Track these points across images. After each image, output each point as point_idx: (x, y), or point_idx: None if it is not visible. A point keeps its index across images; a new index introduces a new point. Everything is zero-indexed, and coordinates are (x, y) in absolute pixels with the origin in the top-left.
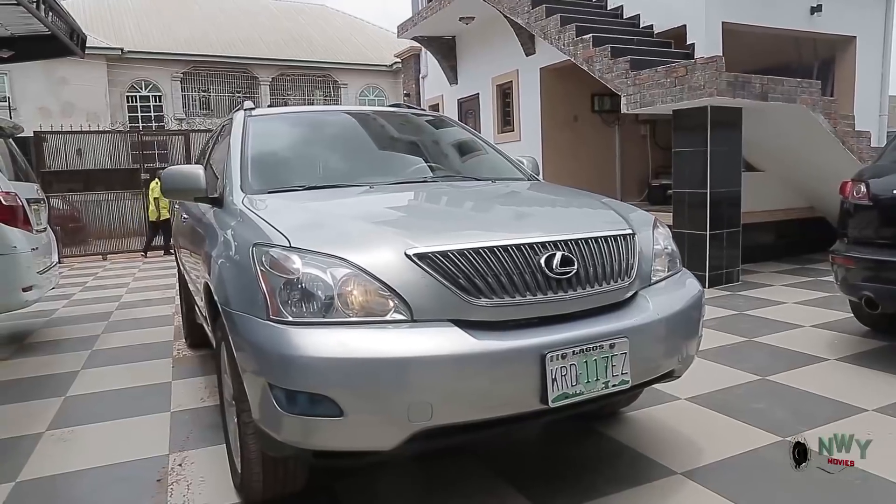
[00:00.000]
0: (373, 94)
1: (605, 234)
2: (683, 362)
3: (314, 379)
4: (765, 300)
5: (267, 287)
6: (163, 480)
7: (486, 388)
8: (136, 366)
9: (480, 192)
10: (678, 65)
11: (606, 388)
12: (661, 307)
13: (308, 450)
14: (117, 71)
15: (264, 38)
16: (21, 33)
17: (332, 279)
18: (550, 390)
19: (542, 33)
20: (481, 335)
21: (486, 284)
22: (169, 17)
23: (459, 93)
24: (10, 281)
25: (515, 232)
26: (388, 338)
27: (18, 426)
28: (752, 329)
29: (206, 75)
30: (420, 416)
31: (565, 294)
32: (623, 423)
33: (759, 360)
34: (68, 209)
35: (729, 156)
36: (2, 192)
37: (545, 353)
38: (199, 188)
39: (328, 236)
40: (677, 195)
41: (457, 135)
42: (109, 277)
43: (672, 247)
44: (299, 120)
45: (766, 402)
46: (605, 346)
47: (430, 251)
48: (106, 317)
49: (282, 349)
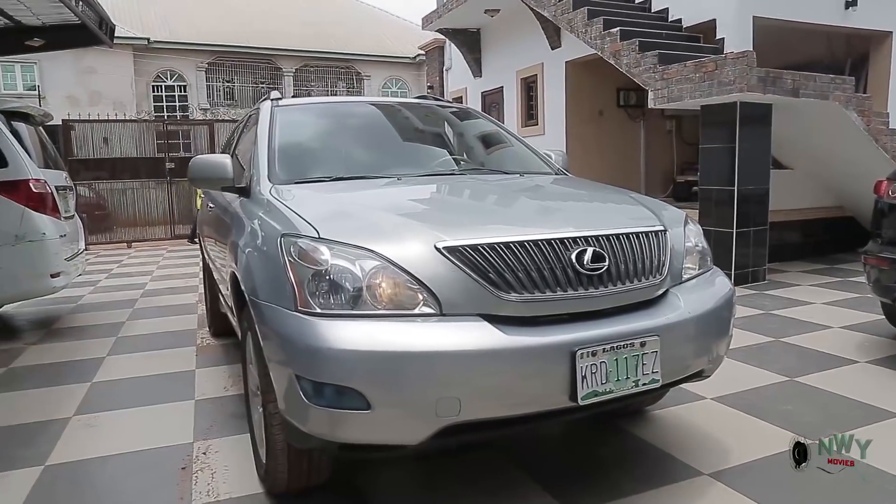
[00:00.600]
0: (396, 86)
1: (637, 230)
2: (713, 362)
3: (342, 371)
4: (792, 300)
5: (295, 278)
6: (187, 468)
7: (514, 384)
8: (160, 353)
9: (509, 185)
10: (708, 59)
11: (636, 387)
12: (693, 305)
13: (334, 442)
14: (143, 61)
15: (288, 29)
16: (51, 22)
17: (360, 271)
18: (580, 388)
19: (568, 26)
20: (511, 330)
21: (517, 279)
22: (194, 7)
23: (483, 86)
24: (38, 267)
25: (546, 227)
26: (416, 331)
27: (46, 411)
28: (779, 329)
29: (231, 66)
30: (448, 411)
31: (596, 290)
32: (649, 422)
33: (788, 360)
34: (94, 197)
35: (757, 152)
36: (32, 179)
37: (575, 350)
38: (227, 177)
39: (357, 228)
40: (704, 192)
41: (483, 127)
42: (134, 265)
43: (703, 244)
44: (326, 110)
45: (795, 404)
46: (635, 344)
47: (460, 244)
48: (131, 304)
49: (309, 340)
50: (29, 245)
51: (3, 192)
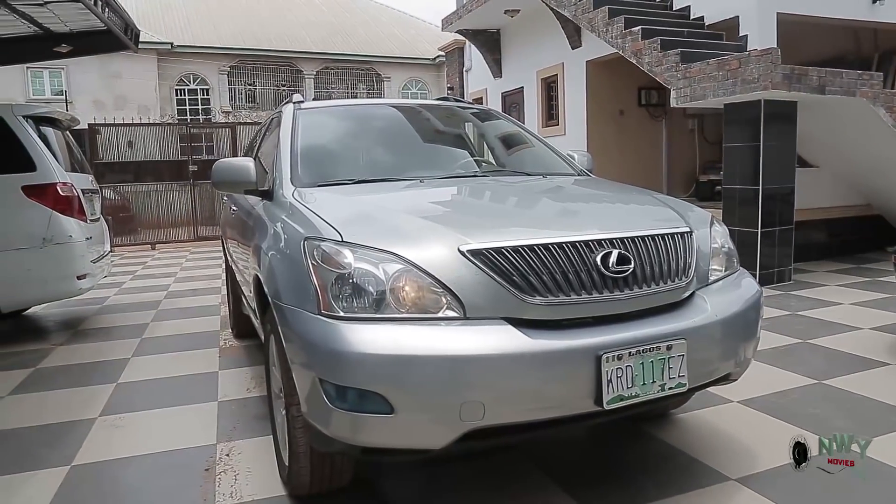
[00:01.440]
0: (416, 87)
1: (663, 231)
2: (741, 365)
3: (365, 375)
4: (819, 300)
5: (318, 281)
6: (210, 470)
7: (539, 388)
8: (184, 354)
9: (532, 187)
10: (731, 57)
11: (663, 391)
12: (720, 308)
13: (356, 446)
14: (167, 65)
15: (309, 31)
16: (78, 29)
17: (384, 274)
18: (605, 392)
19: (588, 25)
20: (536, 334)
21: (541, 282)
22: (217, 11)
23: (503, 86)
24: (65, 269)
25: (571, 229)
26: (440, 335)
27: (73, 411)
28: (806, 330)
29: (253, 69)
30: (472, 415)
31: (621, 293)
32: (674, 426)
33: (815, 363)
34: (119, 199)
35: (782, 151)
36: (59, 182)
37: (601, 354)
38: (250, 181)
39: (380, 231)
40: (728, 191)
41: (504, 128)
42: (158, 266)
43: (729, 245)
44: (348, 113)
45: (823, 407)
46: (661, 347)
47: (483, 248)
48: (155, 305)
49: (332, 344)
50: (56, 248)
51: (32, 196)
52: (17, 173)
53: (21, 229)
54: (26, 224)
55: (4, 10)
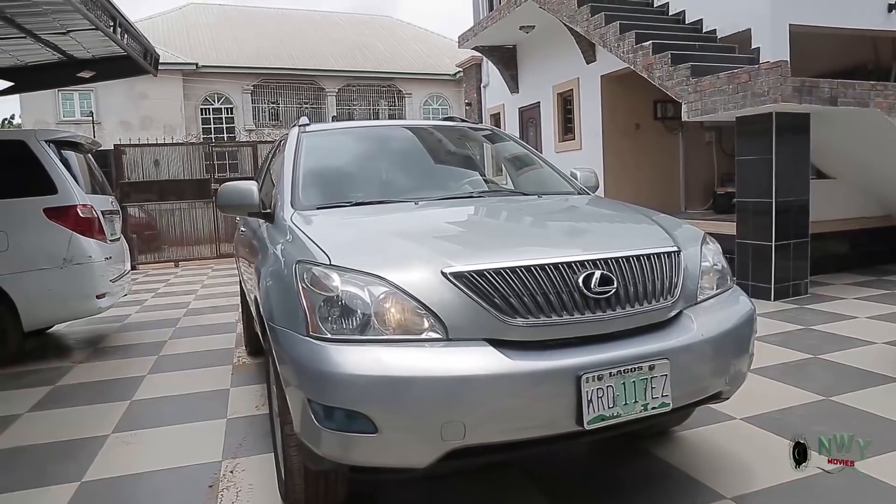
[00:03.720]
0: (437, 102)
1: (648, 251)
2: (732, 383)
3: (349, 395)
4: (834, 314)
5: (307, 304)
6: (214, 486)
7: (520, 408)
8: (197, 372)
9: (524, 208)
10: (740, 71)
11: (646, 411)
12: (707, 327)
13: (345, 464)
14: (192, 85)
15: (331, 49)
16: (100, 55)
17: (369, 297)
18: (586, 412)
19: (601, 41)
20: (516, 355)
21: (522, 304)
22: (240, 31)
23: (520, 101)
24: (85, 288)
25: (553, 250)
26: (422, 356)
27: (87, 428)
28: (818, 345)
29: (276, 87)
30: (453, 434)
31: (604, 314)
32: (673, 443)
33: (825, 378)
34: (144, 217)
35: (796, 163)
36: (80, 205)
37: (581, 374)
38: (252, 204)
39: (367, 254)
40: (741, 204)
41: (507, 148)
42: (180, 284)
43: (722, 263)
44: (350, 135)
45: (828, 424)
46: (643, 367)
47: (466, 270)
48: (174, 323)
49: (320, 365)
50: (76, 268)
51: (53, 218)
52: (39, 196)
53: (42, 250)
54: (47, 245)
55: (30, 39)
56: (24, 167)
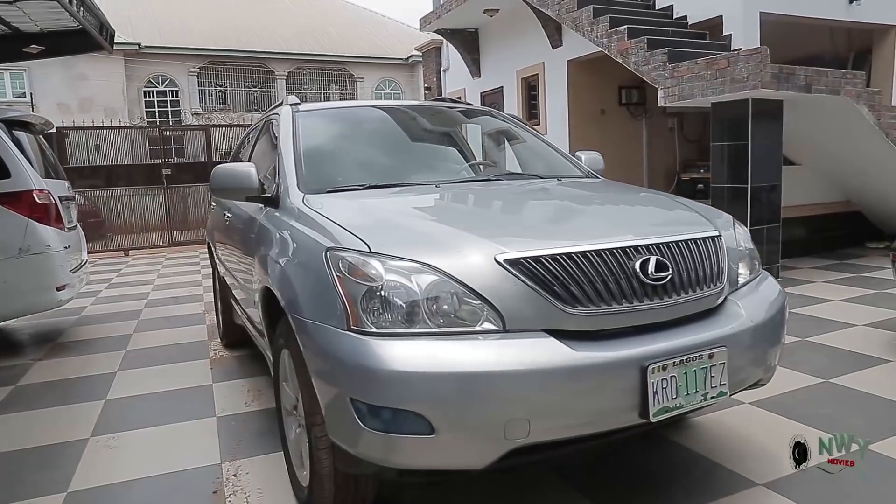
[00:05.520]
0: (389, 87)
1: (695, 236)
2: (770, 370)
3: (401, 394)
4: (809, 297)
5: (346, 295)
6: (219, 492)
7: (584, 402)
8: (173, 367)
9: (551, 191)
10: (719, 56)
11: (705, 401)
12: (753, 313)
13: (391, 468)
14: (134, 66)
15: (280, 32)
16: (50, 29)
17: (417, 287)
18: (652, 404)
19: (573, 25)
20: (579, 346)
21: (582, 291)
22: (185, 11)
23: (482, 86)
24: (44, 280)
25: (606, 235)
26: (480, 350)
27: (63, 431)
28: (802, 328)
29: (223, 70)
30: (517, 433)
31: (661, 301)
32: (691, 431)
33: (818, 361)
34: (88, 204)
35: (770, 149)
36: (35, 190)
37: (646, 365)
38: (251, 187)
39: (408, 240)
40: (716, 190)
41: (510, 130)
42: (133, 274)
43: (751, 247)
44: (348, 115)
45: (834, 407)
46: (704, 356)
47: (521, 256)
48: (136, 315)
49: (364, 361)
50: (34, 258)
51: (7, 204)
52: None
53: None
54: (1, 234)
55: None
56: None
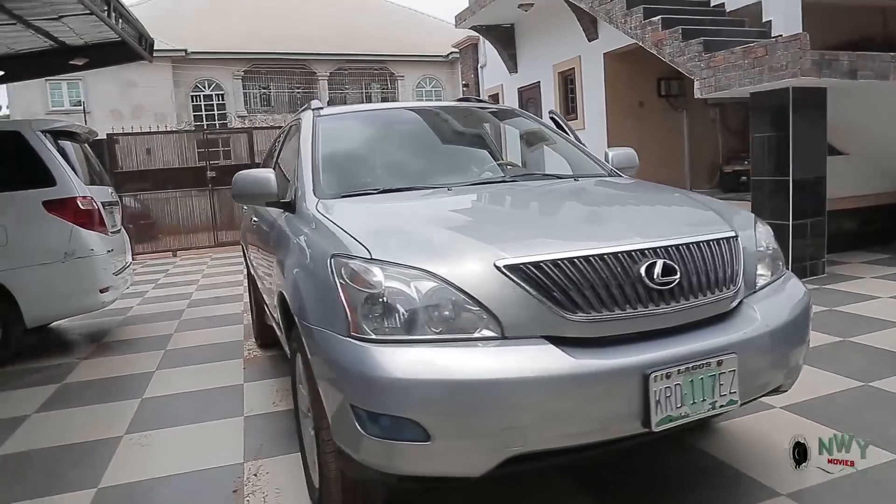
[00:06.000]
0: (430, 85)
1: (708, 237)
2: (791, 375)
3: (399, 401)
4: (856, 294)
5: (347, 302)
6: (239, 491)
7: (584, 411)
8: (208, 367)
9: (564, 191)
10: (757, 44)
11: (713, 409)
12: (770, 317)
13: (391, 474)
14: (181, 72)
15: (322, 33)
16: (93, 41)
17: (416, 293)
18: (654, 413)
19: (606, 17)
20: (579, 353)
21: (583, 297)
22: (228, 16)
23: (519, 81)
24: (88, 283)
25: (610, 238)
26: (478, 357)
27: (99, 429)
28: (845, 328)
29: (266, 72)
30: (514, 441)
31: (667, 306)
32: (716, 436)
33: (860, 363)
34: (139, 207)
35: (813, 139)
36: (79, 196)
37: (648, 373)
38: (271, 193)
39: (411, 246)
40: (756, 182)
41: (531, 128)
42: (180, 274)
43: (775, 246)
44: (369, 119)
45: (875, 412)
46: (712, 363)
47: (521, 262)
48: (178, 315)
49: (364, 368)
50: (78, 262)
51: (53, 211)
52: (37, 188)
53: (43, 244)
54: (48, 239)
55: (20, 26)
56: (21, 159)
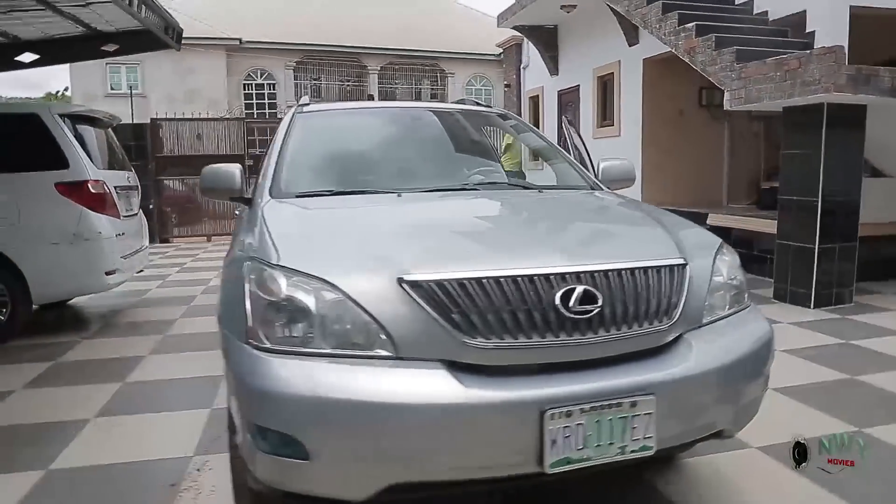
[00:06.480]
0: (479, 83)
1: (647, 264)
2: (738, 421)
3: (279, 416)
4: (879, 328)
5: (250, 307)
6: (176, 485)
7: (471, 444)
8: (199, 355)
9: (515, 204)
10: (790, 56)
11: (623, 454)
12: (709, 355)
13: (278, 489)
14: (235, 60)
15: (374, 27)
16: (124, 28)
17: (314, 305)
18: (548, 453)
19: (641, 22)
20: (472, 382)
21: (484, 322)
22: (285, 7)
23: (560, 84)
24: (93, 264)
25: (532, 258)
26: (363, 377)
27: (73, 410)
28: (856, 364)
29: (318, 64)
30: (393, 469)
31: (583, 337)
32: (677, 474)
33: (860, 405)
34: (185, 190)
35: (847, 159)
36: (91, 180)
37: (545, 409)
38: (234, 188)
39: (322, 254)
40: (784, 202)
41: (521, 136)
42: (206, 259)
43: (739, 278)
44: (348, 117)
45: (861, 466)
46: (623, 403)
47: (423, 279)
48: (189, 301)
49: (253, 379)
50: (85, 243)
51: (64, 193)
52: (51, 170)
53: (53, 224)
54: (58, 219)
55: (50, 11)
56: (38, 141)
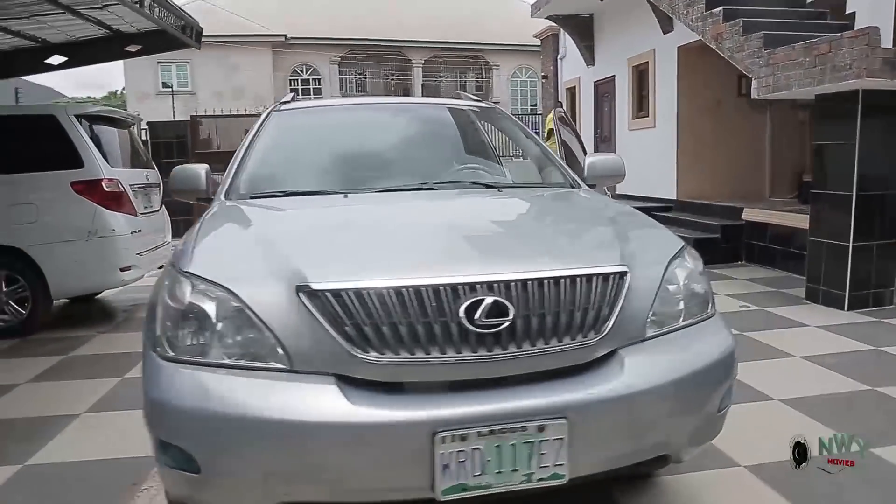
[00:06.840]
0: (525, 75)
1: (574, 272)
2: (687, 447)
3: (168, 427)
4: None
5: (160, 313)
6: (137, 485)
7: (357, 466)
8: None
9: (458, 207)
10: (820, 41)
11: (529, 482)
12: (642, 374)
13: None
14: (281, 56)
15: (419, 21)
16: (145, 28)
17: (213, 313)
18: (439, 479)
19: (669, 8)
20: (361, 399)
21: (378, 334)
22: (329, 3)
23: (596, 75)
24: (109, 261)
25: (443, 266)
26: (251, 390)
27: (66, 404)
28: (881, 374)
29: (363, 58)
30: (279, 488)
31: (489, 354)
32: (651, 493)
33: (875, 421)
34: None
35: (886, 151)
36: (105, 179)
37: (436, 432)
38: (200, 189)
39: (232, 261)
40: (816, 196)
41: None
42: None
43: (698, 287)
44: (324, 115)
45: (858, 489)
46: (529, 427)
47: (319, 288)
48: None
49: (152, 388)
50: (100, 241)
51: (79, 191)
52: (66, 170)
53: (69, 222)
54: (74, 217)
55: (69, 14)
56: (54, 141)
